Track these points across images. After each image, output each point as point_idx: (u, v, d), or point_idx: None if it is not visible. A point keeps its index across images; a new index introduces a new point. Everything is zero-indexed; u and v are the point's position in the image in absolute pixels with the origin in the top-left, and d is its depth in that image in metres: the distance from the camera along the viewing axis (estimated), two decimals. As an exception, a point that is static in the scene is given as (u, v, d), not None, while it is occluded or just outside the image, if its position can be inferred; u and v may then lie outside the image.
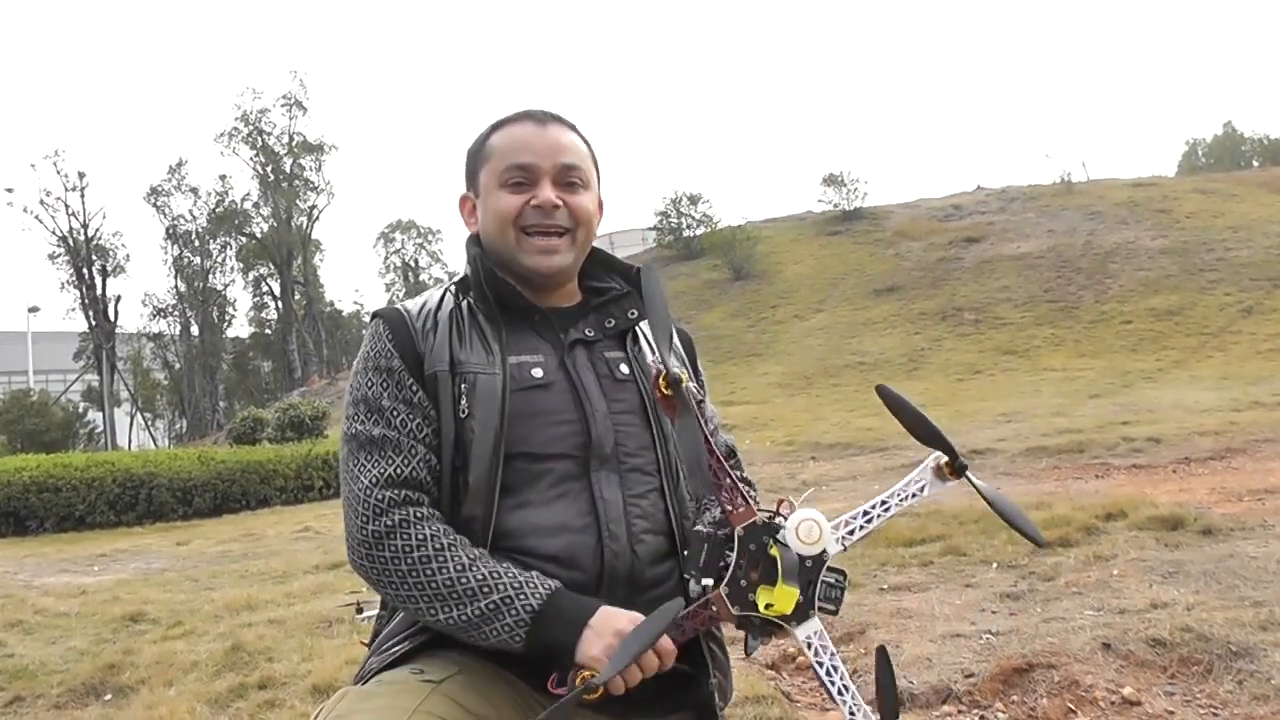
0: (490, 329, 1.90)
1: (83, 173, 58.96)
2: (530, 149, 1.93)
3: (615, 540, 1.80)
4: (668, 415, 1.84)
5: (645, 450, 1.90)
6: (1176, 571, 5.50)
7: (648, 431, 1.92)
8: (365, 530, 1.78)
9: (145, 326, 65.62)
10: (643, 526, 1.84)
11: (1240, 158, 75.29)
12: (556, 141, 1.95)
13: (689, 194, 48.75)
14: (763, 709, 3.93)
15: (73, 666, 5.79)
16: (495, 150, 1.96)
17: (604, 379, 1.93)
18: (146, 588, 8.94)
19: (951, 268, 38.34)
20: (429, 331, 1.90)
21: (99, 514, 17.40)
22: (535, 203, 1.90)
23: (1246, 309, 28.13)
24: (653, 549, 1.85)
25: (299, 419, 27.24)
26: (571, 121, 2.01)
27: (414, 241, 78.30)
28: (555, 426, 1.84)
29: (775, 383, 29.50)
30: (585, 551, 1.78)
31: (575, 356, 1.93)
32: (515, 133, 1.96)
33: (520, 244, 1.92)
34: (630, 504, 1.85)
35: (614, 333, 1.99)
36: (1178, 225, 36.51)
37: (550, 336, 1.94)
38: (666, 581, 1.86)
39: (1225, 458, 11.28)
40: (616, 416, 1.89)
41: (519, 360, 1.88)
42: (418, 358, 1.87)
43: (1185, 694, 3.88)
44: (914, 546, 6.86)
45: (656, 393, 1.74)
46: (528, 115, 1.98)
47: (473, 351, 1.87)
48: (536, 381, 1.87)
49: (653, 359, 1.99)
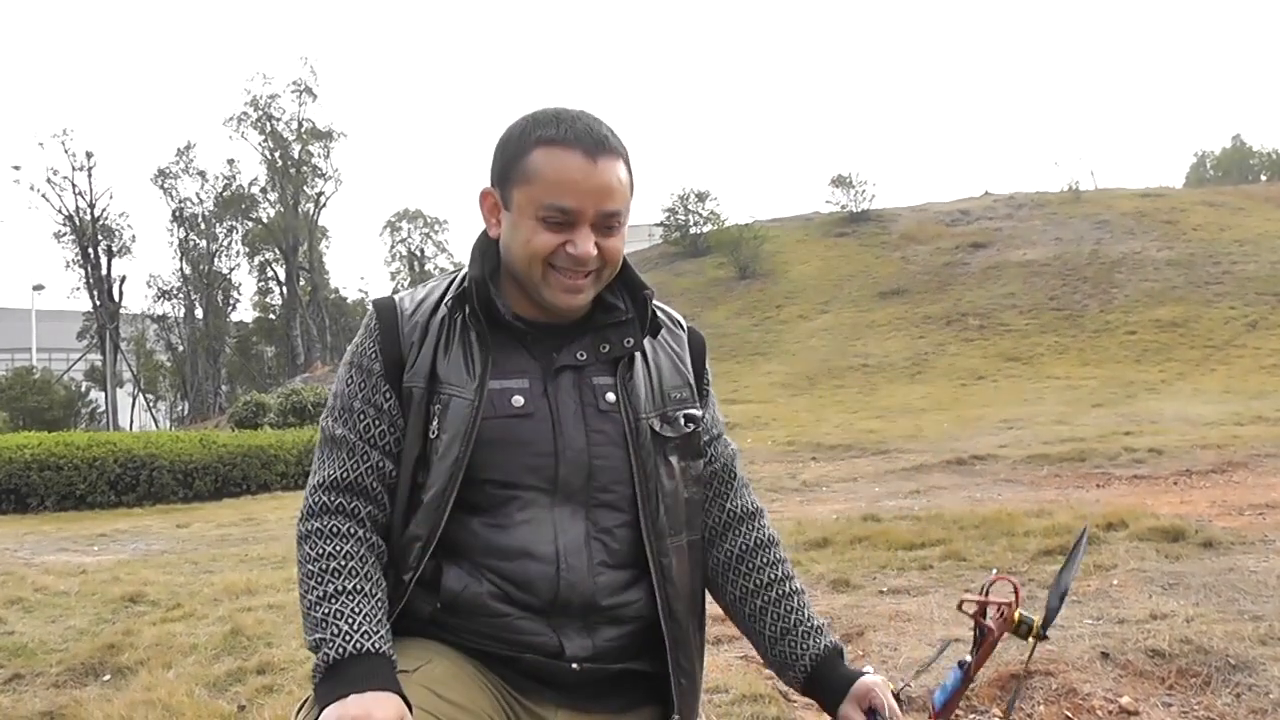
0: (478, 349, 1.87)
1: (90, 152, 59.56)
2: (576, 191, 1.79)
3: (572, 571, 1.80)
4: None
5: (620, 485, 1.87)
6: (1176, 583, 5.51)
7: (626, 466, 1.88)
8: (299, 527, 1.85)
9: (149, 308, 65.76)
10: (603, 559, 1.84)
11: (1248, 171, 75.29)
12: (605, 184, 1.80)
13: (697, 191, 48.88)
14: (760, 708, 3.94)
15: (72, 646, 5.80)
16: (537, 176, 1.80)
17: (588, 408, 1.88)
18: (146, 569, 8.94)
19: (957, 272, 38.36)
20: (416, 340, 1.89)
21: (100, 494, 17.42)
22: (571, 250, 1.81)
23: (1251, 323, 28.16)
24: (614, 581, 1.85)
25: (301, 405, 27.28)
26: (619, 144, 1.85)
27: (420, 231, 78.50)
28: (529, 458, 1.83)
29: (778, 382, 29.53)
30: (542, 579, 1.79)
31: (560, 383, 1.89)
32: (563, 164, 1.79)
33: (546, 278, 1.84)
34: (595, 537, 1.84)
35: (607, 358, 1.93)
36: (1184, 237, 36.53)
37: (541, 355, 1.90)
38: (629, 606, 1.86)
39: (1226, 471, 11.26)
40: (595, 449, 1.86)
41: (502, 386, 1.85)
42: (399, 362, 1.88)
43: (1183, 706, 3.89)
44: (914, 550, 6.86)
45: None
46: (578, 141, 1.80)
47: (453, 370, 1.86)
48: (516, 411, 1.84)
49: (644, 391, 1.95)
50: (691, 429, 1.97)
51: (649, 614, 1.87)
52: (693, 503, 1.97)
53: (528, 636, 1.79)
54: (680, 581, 1.90)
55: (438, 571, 1.81)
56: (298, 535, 1.84)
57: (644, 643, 1.88)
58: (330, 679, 1.64)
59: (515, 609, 1.79)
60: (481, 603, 1.79)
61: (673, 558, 1.89)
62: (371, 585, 1.76)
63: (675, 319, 2.09)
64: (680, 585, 1.90)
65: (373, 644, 1.68)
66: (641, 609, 1.86)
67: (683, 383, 2.01)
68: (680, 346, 2.06)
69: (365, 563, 1.78)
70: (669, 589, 1.87)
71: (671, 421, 1.94)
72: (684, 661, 1.90)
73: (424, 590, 1.82)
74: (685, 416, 1.97)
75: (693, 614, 1.95)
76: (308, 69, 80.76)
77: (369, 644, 1.67)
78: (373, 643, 1.68)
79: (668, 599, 1.87)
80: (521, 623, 1.79)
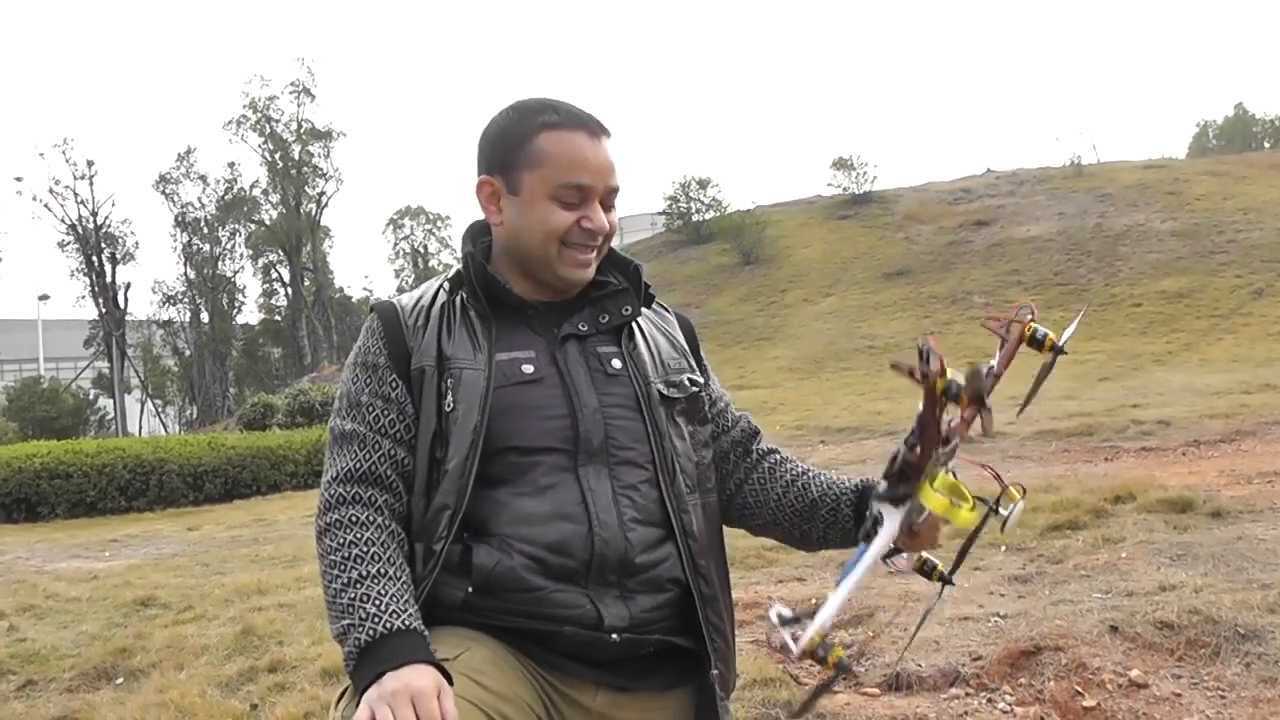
0: (480, 326, 1.92)
1: (91, 161, 59.47)
2: (589, 169, 1.91)
3: (605, 528, 1.82)
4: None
5: (638, 443, 1.92)
6: (1185, 554, 5.50)
7: (641, 425, 1.93)
8: (317, 523, 1.87)
9: (155, 313, 65.74)
10: (633, 515, 1.86)
11: (1251, 139, 74.98)
12: (610, 162, 1.94)
13: (698, 178, 48.64)
14: (770, 692, 3.94)
15: (84, 650, 5.82)
16: (549, 159, 1.91)
17: (595, 373, 1.94)
18: (157, 572, 8.97)
19: (961, 251, 38.24)
20: (419, 327, 1.93)
21: (110, 500, 17.48)
22: (587, 225, 1.91)
23: (1257, 291, 28.05)
24: (645, 537, 1.86)
25: (309, 405, 27.28)
26: (607, 126, 2.00)
27: (423, 228, 78.52)
28: (544, 421, 1.86)
29: (785, 367, 29.47)
30: (576, 539, 1.80)
31: (566, 351, 1.94)
32: (572, 145, 1.92)
33: (561, 255, 1.92)
34: (620, 494, 1.86)
35: (608, 328, 2.00)
36: (1188, 207, 36.39)
37: (543, 330, 1.95)
38: (661, 565, 1.88)
39: (1235, 440, 11.23)
40: (608, 410, 1.91)
41: (510, 356, 1.90)
42: (405, 353, 1.91)
43: (1193, 676, 3.88)
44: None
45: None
46: (581, 124, 1.94)
47: (460, 347, 1.90)
48: (527, 377, 1.89)
49: (648, 357, 2.01)
50: (695, 390, 2.04)
51: (681, 577, 1.89)
52: (703, 465, 2.03)
53: (565, 610, 1.79)
54: (702, 538, 1.94)
55: (466, 553, 1.81)
56: (316, 531, 1.86)
57: (680, 616, 1.90)
58: (364, 663, 1.65)
59: (551, 581, 1.80)
60: (516, 576, 1.79)
61: (692, 514, 1.94)
62: (395, 569, 1.77)
63: (663, 305, 2.18)
64: (702, 541, 1.94)
65: (402, 622, 1.68)
66: (673, 569, 1.89)
67: (679, 356, 2.09)
68: (673, 329, 2.15)
69: (387, 549, 1.79)
70: (692, 544, 1.91)
71: (677, 384, 2.01)
72: (714, 618, 1.92)
73: (453, 575, 1.82)
74: (689, 379, 2.04)
75: (718, 572, 1.99)
76: (305, 70, 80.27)
77: (398, 622, 1.68)
78: (402, 620, 1.69)
79: (692, 554, 1.90)
80: (558, 595, 1.80)
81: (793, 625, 1.64)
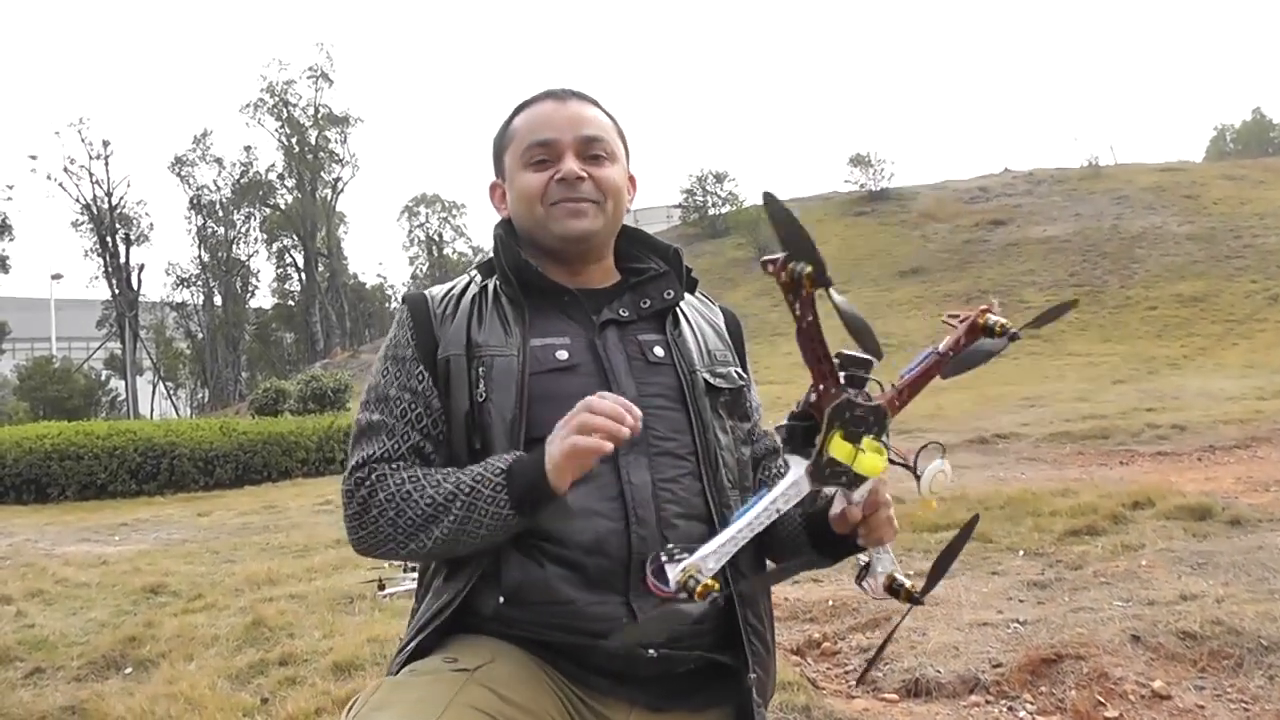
0: (513, 311, 1.86)
1: (107, 141, 59.76)
2: (550, 124, 1.91)
3: (643, 525, 1.72)
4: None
5: (680, 434, 1.82)
6: (1205, 563, 5.44)
7: (684, 416, 1.84)
8: (349, 510, 1.79)
9: (168, 296, 66.15)
10: (674, 511, 1.76)
11: (1269, 144, 74.94)
12: (577, 115, 1.92)
13: (715, 172, 48.83)
14: (789, 695, 3.88)
15: (93, 638, 5.79)
16: (517, 132, 1.94)
17: (635, 361, 1.86)
18: (167, 559, 8.95)
19: (977, 250, 38.23)
20: (448, 316, 1.88)
21: (120, 483, 17.47)
22: (559, 176, 1.87)
23: (1273, 296, 27.98)
24: (686, 534, 1.74)
25: (321, 391, 27.25)
26: (594, 97, 1.99)
27: (438, 215, 78.66)
28: None
29: (799, 363, 28.88)
30: (613, 537, 1.71)
31: (606, 338, 1.87)
32: (536, 112, 1.94)
33: (550, 214, 1.88)
34: (661, 488, 1.77)
35: (650, 313, 1.93)
36: (1205, 211, 36.32)
37: (580, 318, 1.88)
38: None
39: (1250, 446, 11.19)
40: (648, 400, 1.79)
41: (544, 343, 1.83)
42: (432, 344, 1.86)
43: (1216, 688, 3.83)
44: (939, 532, 6.78)
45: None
46: (547, 94, 1.96)
47: (491, 334, 1.84)
48: (561, 364, 1.81)
49: (694, 345, 1.93)
50: (741, 384, 1.98)
51: (722, 585, 1.75)
52: (743, 462, 1.93)
53: (600, 624, 1.69)
54: None
55: (497, 562, 1.74)
56: (351, 515, 1.79)
57: (721, 631, 1.80)
58: (513, 479, 1.67)
59: (585, 591, 1.70)
60: (548, 587, 1.71)
61: (734, 510, 1.81)
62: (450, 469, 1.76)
63: (709, 296, 2.13)
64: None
65: (507, 455, 1.71)
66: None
67: (725, 348, 2.02)
68: (718, 320, 2.09)
69: (429, 471, 1.76)
70: None
71: (724, 375, 1.94)
72: (754, 620, 1.83)
73: (486, 584, 1.74)
74: (735, 372, 1.98)
75: (756, 572, 1.90)
76: (324, 55, 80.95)
77: (508, 455, 1.71)
78: (505, 455, 1.71)
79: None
80: (593, 609, 1.70)
81: (679, 562, 1.57)
